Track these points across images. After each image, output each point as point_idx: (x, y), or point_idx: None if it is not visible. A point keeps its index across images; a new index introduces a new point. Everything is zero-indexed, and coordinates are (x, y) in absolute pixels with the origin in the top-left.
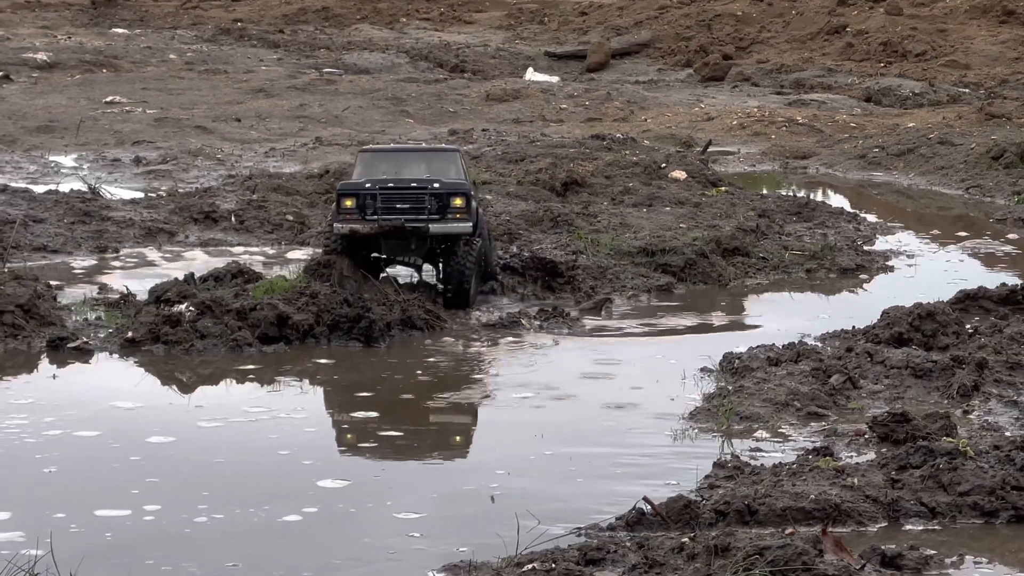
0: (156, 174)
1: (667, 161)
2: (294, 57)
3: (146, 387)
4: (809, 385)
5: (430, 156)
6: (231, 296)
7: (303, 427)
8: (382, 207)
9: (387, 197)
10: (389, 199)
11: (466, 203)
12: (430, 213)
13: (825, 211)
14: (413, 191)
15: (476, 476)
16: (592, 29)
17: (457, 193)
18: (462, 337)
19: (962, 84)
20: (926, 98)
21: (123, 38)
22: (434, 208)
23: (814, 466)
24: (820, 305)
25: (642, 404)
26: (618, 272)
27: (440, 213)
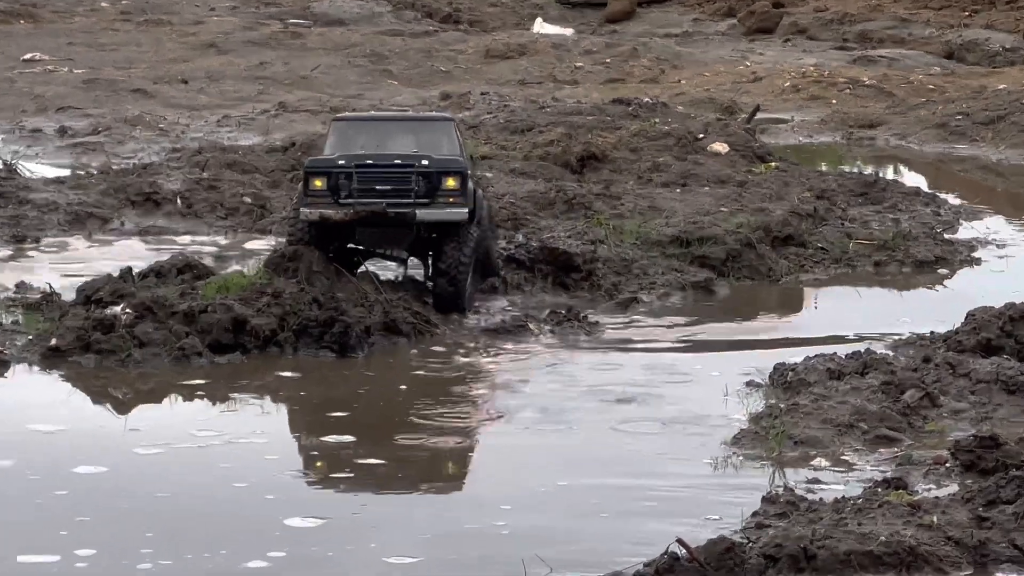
0: (85, 147)
1: (705, 131)
2: (252, 5)
3: (73, 406)
4: (878, 403)
5: (419, 127)
6: (177, 296)
7: (263, 454)
8: (359, 188)
9: (365, 176)
10: (367, 179)
11: (461, 184)
12: (417, 196)
13: (897, 192)
14: (397, 169)
15: (476, 513)
16: None
17: (450, 172)
18: (456, 345)
19: None
20: (1020, 54)
21: None
22: (422, 190)
23: (884, 501)
24: (891, 306)
25: (675, 426)
26: (646, 266)
27: (429, 196)
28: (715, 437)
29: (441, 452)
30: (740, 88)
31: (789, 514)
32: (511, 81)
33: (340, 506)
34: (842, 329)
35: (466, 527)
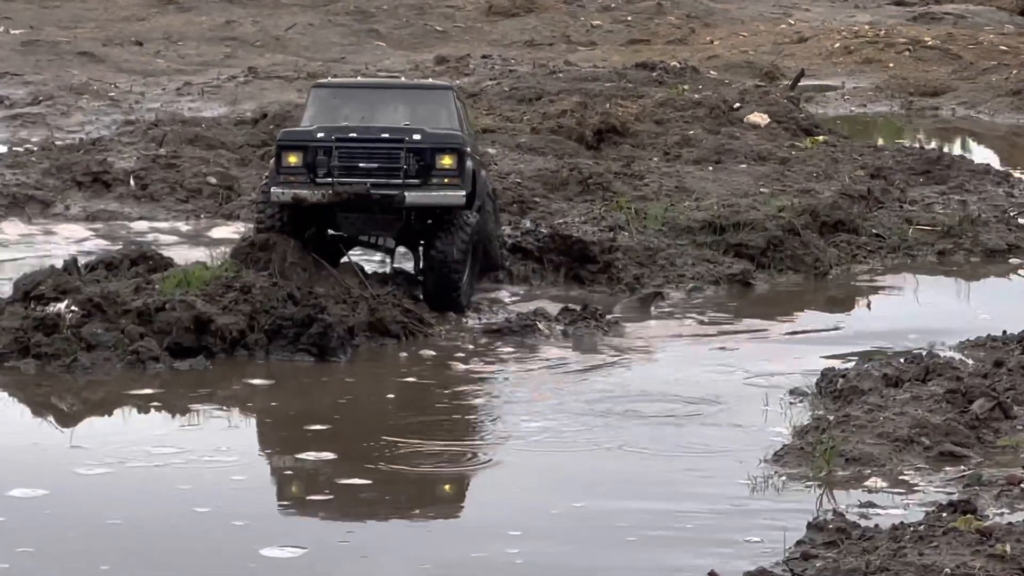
0: (24, 119)
1: (742, 100)
2: None
3: (8, 419)
4: (942, 414)
5: (412, 95)
6: (130, 291)
7: (231, 475)
8: (340, 166)
9: (347, 152)
10: (350, 155)
11: (458, 163)
12: (407, 176)
13: (965, 169)
14: (383, 144)
15: (482, 540)
16: None
17: (445, 148)
18: (453, 348)
19: None
20: None
21: None
22: (413, 169)
23: (950, 527)
24: (957, 301)
25: (708, 441)
26: (674, 256)
27: (421, 176)
28: (753, 454)
29: (436, 471)
30: (782, 50)
31: (839, 543)
32: (517, 42)
33: (323, 533)
34: (901, 329)
35: (473, 556)
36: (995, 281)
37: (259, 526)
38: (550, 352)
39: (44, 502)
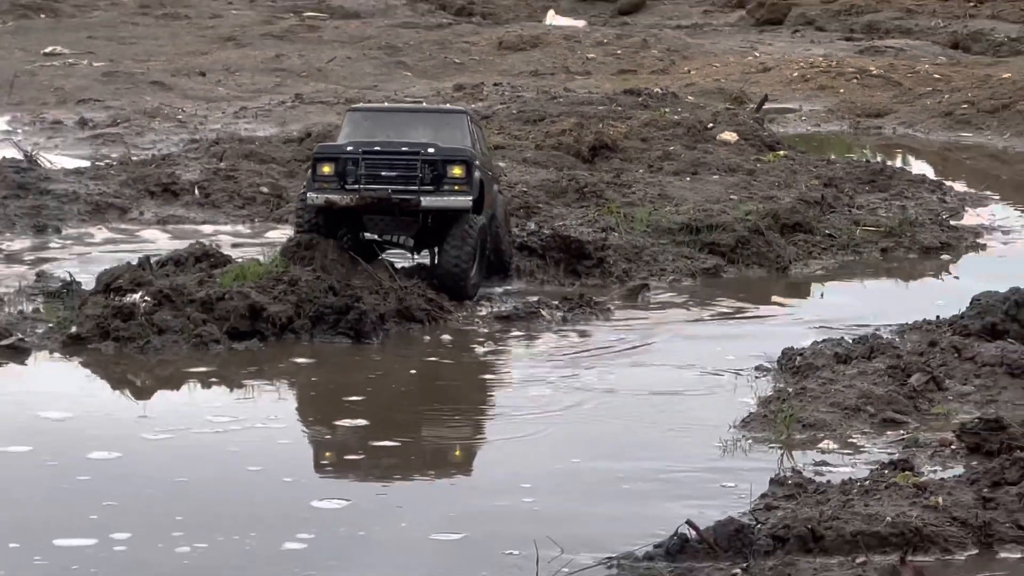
0: (105, 139)
1: (715, 121)
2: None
3: (88, 393)
4: (885, 386)
5: (433, 118)
6: (195, 284)
7: (278, 439)
8: (365, 175)
9: (372, 163)
10: (374, 165)
11: (466, 172)
12: (422, 183)
13: (904, 179)
14: (403, 156)
15: (498, 493)
16: None
17: (456, 160)
18: (470, 331)
19: None
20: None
21: None
22: (428, 177)
23: (891, 482)
24: (898, 291)
25: (685, 410)
26: (656, 253)
27: (435, 184)
28: (725, 420)
29: (455, 435)
30: (749, 78)
31: (797, 496)
32: (524, 72)
33: (361, 488)
34: (850, 314)
35: (495, 504)
36: (930, 274)
37: (306, 482)
38: (552, 335)
39: (119, 463)
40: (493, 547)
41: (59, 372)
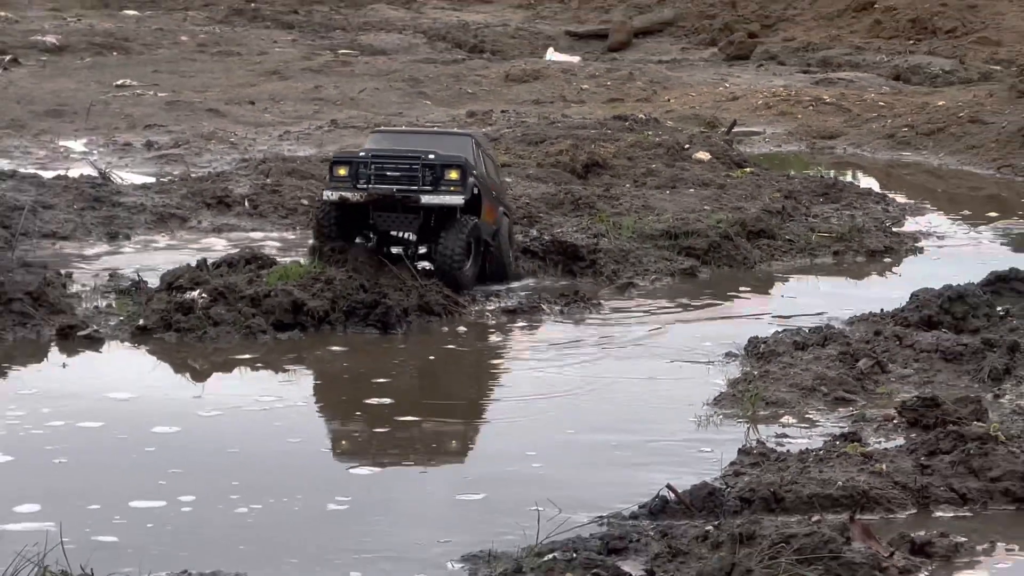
0: (168, 158)
1: (691, 142)
2: (309, 38)
3: (152, 376)
4: (836, 370)
5: (441, 139)
6: (245, 282)
7: (317, 415)
8: (374, 175)
9: (380, 166)
10: (382, 168)
11: (461, 176)
12: (423, 184)
13: (853, 192)
14: (406, 160)
15: (508, 460)
16: (614, 8)
17: (452, 165)
18: (481, 323)
19: (993, 61)
20: (956, 76)
21: (134, 20)
22: (427, 179)
23: (841, 452)
24: (847, 288)
25: (666, 390)
26: (640, 255)
27: (433, 185)
28: (699, 399)
29: (469, 411)
30: (720, 106)
31: (761, 464)
32: (527, 101)
33: (390, 456)
34: (806, 308)
35: (507, 469)
36: (875, 274)
37: (341, 452)
38: (551, 326)
39: (179, 436)
40: (509, 506)
41: (128, 359)
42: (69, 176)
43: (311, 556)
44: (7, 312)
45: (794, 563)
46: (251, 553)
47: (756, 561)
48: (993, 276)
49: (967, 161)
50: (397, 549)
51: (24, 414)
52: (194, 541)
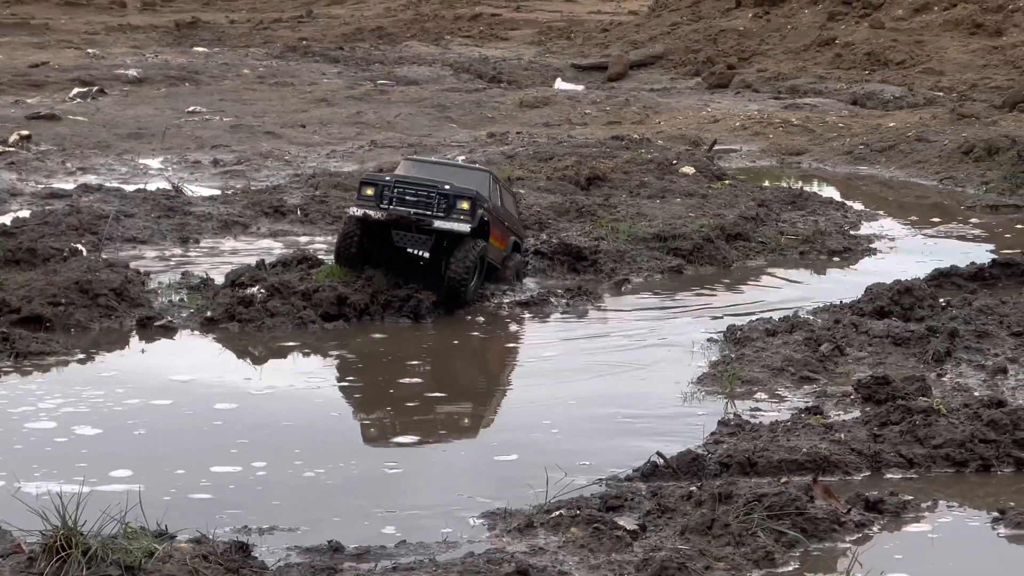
0: (231, 174)
1: (678, 158)
2: (352, 71)
3: (219, 360)
4: (802, 353)
5: (462, 173)
6: (297, 279)
7: (355, 392)
8: (396, 198)
9: (401, 190)
10: (403, 192)
11: (472, 207)
12: (437, 211)
13: (816, 201)
14: (424, 188)
15: (528, 428)
16: (612, 44)
17: (464, 196)
18: (498, 314)
19: (937, 88)
20: (905, 101)
21: (203, 56)
22: (441, 207)
23: (806, 424)
24: (811, 283)
25: (656, 370)
26: (635, 255)
27: (446, 212)
28: (684, 378)
29: (491, 387)
30: (703, 127)
31: (737, 433)
32: (538, 123)
33: (424, 428)
34: (776, 300)
35: (530, 436)
36: (835, 270)
37: (380, 424)
38: (558, 316)
39: (239, 411)
40: (521, 470)
41: (197, 345)
42: (147, 189)
43: (358, 512)
44: (94, 305)
45: (765, 518)
46: (313, 509)
47: (733, 516)
48: (936, 272)
49: (914, 174)
50: (429, 506)
51: (104, 393)
52: (272, 499)
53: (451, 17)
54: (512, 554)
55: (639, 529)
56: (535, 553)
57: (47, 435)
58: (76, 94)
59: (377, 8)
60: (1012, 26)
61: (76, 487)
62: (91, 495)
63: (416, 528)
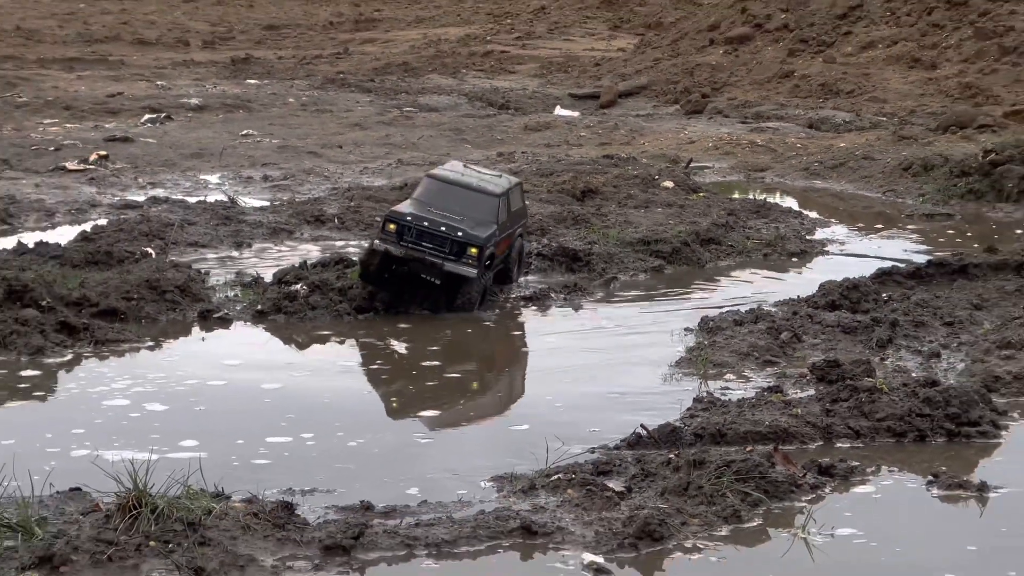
0: (279, 188)
1: (659, 174)
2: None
3: (268, 347)
4: (765, 340)
5: (474, 195)
6: (334, 278)
7: (383, 373)
8: (414, 239)
9: (419, 232)
10: (420, 234)
11: (479, 254)
12: (448, 253)
13: (778, 210)
14: (439, 234)
15: (536, 404)
16: (604, 76)
17: (472, 244)
18: (506, 307)
19: (881, 114)
20: (854, 125)
21: (255, 87)
22: (453, 250)
23: (768, 400)
24: (773, 280)
25: (640, 355)
26: (623, 257)
27: (456, 255)
28: (664, 362)
29: (500, 367)
30: (680, 147)
31: (710, 409)
32: (540, 144)
33: (446, 401)
34: (743, 295)
35: (537, 411)
36: (793, 270)
37: (407, 398)
38: (557, 309)
39: (283, 390)
40: (538, 435)
41: (249, 334)
42: (207, 201)
43: (387, 476)
44: (162, 300)
45: (733, 481)
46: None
47: (706, 480)
48: (879, 271)
49: (861, 187)
50: (447, 471)
51: (166, 375)
52: (315, 466)
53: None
54: (517, 512)
55: (625, 490)
56: (537, 511)
57: (122, 411)
58: (146, 120)
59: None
60: (945, 61)
61: (146, 455)
62: (160, 462)
63: (436, 490)
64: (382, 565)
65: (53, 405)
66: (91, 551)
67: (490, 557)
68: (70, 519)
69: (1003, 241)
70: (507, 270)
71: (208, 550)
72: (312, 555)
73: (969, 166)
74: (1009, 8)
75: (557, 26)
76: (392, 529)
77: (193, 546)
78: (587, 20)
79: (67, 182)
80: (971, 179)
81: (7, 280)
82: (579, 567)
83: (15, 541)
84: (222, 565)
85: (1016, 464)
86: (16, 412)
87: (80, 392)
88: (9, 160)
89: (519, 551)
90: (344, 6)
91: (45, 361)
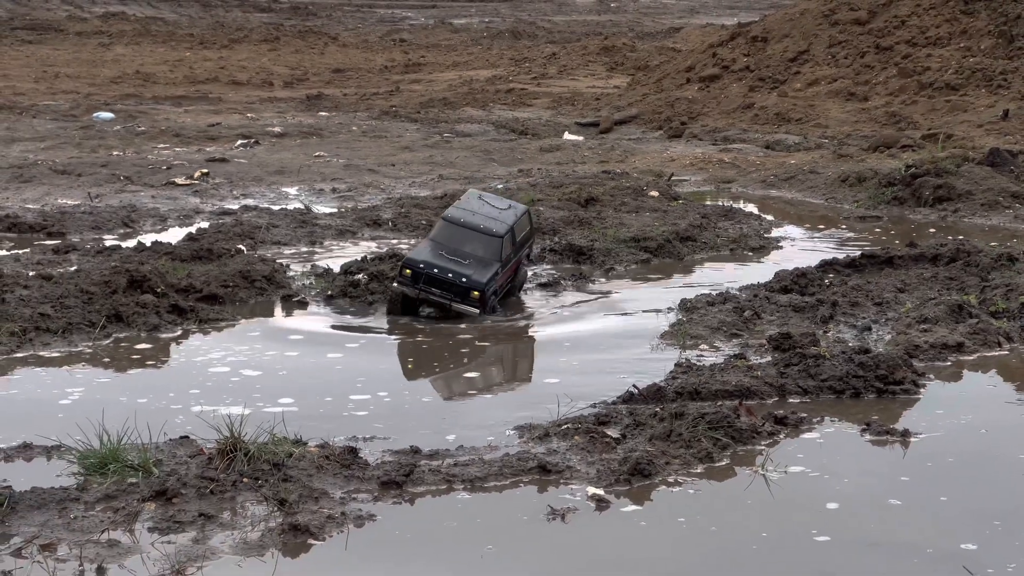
0: (344, 198)
1: (647, 185)
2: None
3: (335, 321)
4: (731, 317)
5: (481, 237)
6: (389, 269)
7: (426, 345)
8: (425, 283)
9: (429, 278)
10: (431, 279)
11: (481, 296)
12: (455, 295)
13: (741, 214)
14: (448, 280)
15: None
16: (603, 108)
17: (475, 288)
18: (526, 290)
19: (824, 137)
20: (802, 146)
21: (325, 118)
22: (459, 293)
23: (734, 365)
24: (738, 270)
25: (633, 329)
26: (618, 252)
27: (462, 296)
28: (652, 334)
29: (519, 345)
30: (664, 164)
31: (688, 372)
32: (552, 162)
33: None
34: (715, 281)
35: (549, 381)
36: (754, 261)
37: (445, 365)
38: (567, 292)
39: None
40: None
41: (320, 313)
42: (287, 209)
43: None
44: (252, 287)
45: (706, 429)
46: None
47: (685, 428)
48: (823, 262)
49: (808, 195)
50: (478, 423)
51: (250, 348)
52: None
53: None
54: (535, 454)
55: (621, 437)
56: (551, 454)
57: (224, 376)
58: (239, 144)
59: (443, 85)
60: (875, 94)
61: (241, 409)
62: (253, 415)
63: (470, 437)
64: (428, 496)
65: (170, 371)
66: (196, 486)
67: (513, 490)
68: (180, 461)
69: (921, 238)
70: (512, 290)
71: (289, 485)
72: (372, 489)
73: (894, 178)
74: (926, 52)
75: (565, 69)
76: (435, 468)
77: (277, 482)
78: (589, 63)
79: (176, 194)
80: (896, 188)
81: (129, 271)
82: (584, 497)
83: (136, 478)
84: (301, 497)
85: (931, 415)
86: (141, 376)
87: (187, 361)
88: (131, 177)
89: (536, 485)
90: (396, 53)
91: (160, 336)
